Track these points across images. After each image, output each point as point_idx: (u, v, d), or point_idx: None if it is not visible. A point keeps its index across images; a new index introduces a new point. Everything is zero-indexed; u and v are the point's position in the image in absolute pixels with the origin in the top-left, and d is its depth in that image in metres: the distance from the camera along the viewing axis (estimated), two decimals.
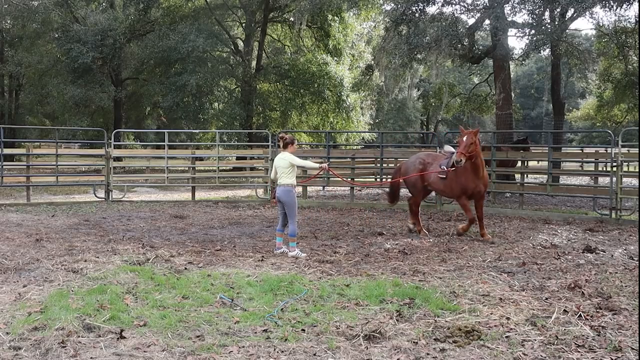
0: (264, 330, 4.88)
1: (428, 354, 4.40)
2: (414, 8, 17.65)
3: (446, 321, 5.14)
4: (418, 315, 5.33)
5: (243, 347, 4.51)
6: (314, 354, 4.39)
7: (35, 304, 5.57)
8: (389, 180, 12.10)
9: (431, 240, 9.72)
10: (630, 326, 5.01)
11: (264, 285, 6.32)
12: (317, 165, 9.22)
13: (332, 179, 15.82)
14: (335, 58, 29.85)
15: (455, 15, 18.50)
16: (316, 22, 29.03)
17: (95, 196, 15.56)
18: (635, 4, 16.94)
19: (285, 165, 8.46)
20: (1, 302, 5.65)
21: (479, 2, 18.86)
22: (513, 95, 28.85)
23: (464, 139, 9.33)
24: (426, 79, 45.26)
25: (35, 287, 6.22)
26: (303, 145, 30.82)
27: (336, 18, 28.84)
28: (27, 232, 10.04)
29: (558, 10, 17.83)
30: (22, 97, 35.26)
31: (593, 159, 20.39)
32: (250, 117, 29.47)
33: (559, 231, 10.73)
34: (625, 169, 15.86)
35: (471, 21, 21.19)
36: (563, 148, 19.46)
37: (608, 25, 21.02)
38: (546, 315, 5.36)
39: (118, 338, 4.66)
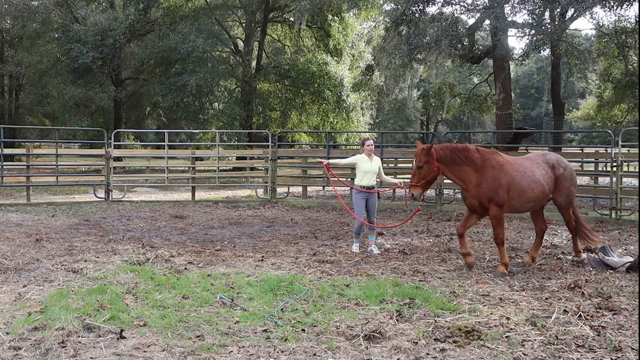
0: (264, 330, 4.88)
1: (428, 354, 4.40)
2: (414, 8, 17.68)
3: (446, 321, 5.14)
4: (418, 315, 5.32)
5: (243, 347, 4.51)
6: (314, 354, 4.38)
7: (35, 304, 5.57)
8: None
9: (431, 240, 9.72)
10: (630, 326, 5.01)
11: (264, 285, 6.32)
12: (345, 161, 9.33)
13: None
14: (336, 58, 29.85)
15: (455, 16, 18.54)
16: (316, 22, 29.03)
17: (95, 196, 15.56)
18: (635, 4, 16.96)
19: None
20: (1, 302, 5.64)
21: (479, 2, 18.90)
22: (513, 95, 28.87)
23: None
24: (426, 79, 45.27)
25: (35, 287, 6.22)
26: (303, 146, 30.95)
27: (336, 18, 28.84)
28: (27, 232, 10.04)
29: (558, 10, 17.85)
30: (22, 97, 35.27)
31: (593, 159, 20.40)
32: (250, 117, 29.49)
33: (559, 231, 10.73)
34: (625, 169, 15.84)
35: (471, 21, 21.25)
36: (563, 148, 19.49)
37: (608, 25, 21.09)
38: (546, 315, 5.36)
39: (118, 338, 4.66)
